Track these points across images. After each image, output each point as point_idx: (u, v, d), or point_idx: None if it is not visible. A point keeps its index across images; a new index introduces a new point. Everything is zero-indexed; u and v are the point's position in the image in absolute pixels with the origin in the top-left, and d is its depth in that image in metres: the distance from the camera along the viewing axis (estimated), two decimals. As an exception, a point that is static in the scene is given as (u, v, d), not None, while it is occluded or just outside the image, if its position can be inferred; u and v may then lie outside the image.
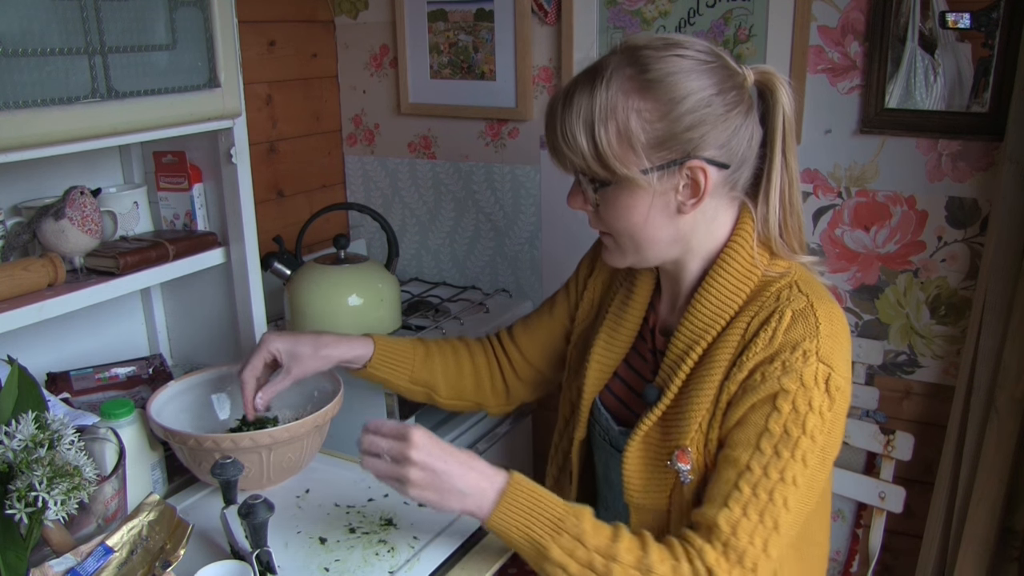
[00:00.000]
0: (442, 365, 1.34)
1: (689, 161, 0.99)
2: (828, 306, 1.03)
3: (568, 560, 0.97)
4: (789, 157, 1.06)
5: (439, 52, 2.07)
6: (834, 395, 0.99)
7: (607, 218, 1.05)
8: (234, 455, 1.14)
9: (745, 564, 0.97)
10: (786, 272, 1.07)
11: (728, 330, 1.05)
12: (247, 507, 1.01)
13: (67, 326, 1.47)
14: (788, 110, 1.04)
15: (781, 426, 0.99)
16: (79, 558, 0.94)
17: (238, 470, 1.09)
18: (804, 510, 1.00)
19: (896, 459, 1.70)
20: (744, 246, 1.06)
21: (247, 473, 1.16)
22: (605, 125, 0.98)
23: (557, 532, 0.98)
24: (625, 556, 0.97)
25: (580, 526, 0.99)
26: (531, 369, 1.36)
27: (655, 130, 0.98)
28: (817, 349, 0.99)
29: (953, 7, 1.56)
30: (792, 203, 1.08)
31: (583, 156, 1.00)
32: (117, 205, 1.43)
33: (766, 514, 0.98)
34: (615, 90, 0.98)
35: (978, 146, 1.60)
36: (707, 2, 1.76)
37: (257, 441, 1.17)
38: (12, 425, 0.96)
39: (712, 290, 1.06)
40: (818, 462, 1.00)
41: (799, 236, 1.09)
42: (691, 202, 1.02)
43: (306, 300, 1.67)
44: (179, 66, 1.26)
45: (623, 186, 1.01)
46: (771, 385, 0.99)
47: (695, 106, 0.97)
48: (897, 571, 1.85)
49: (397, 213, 2.25)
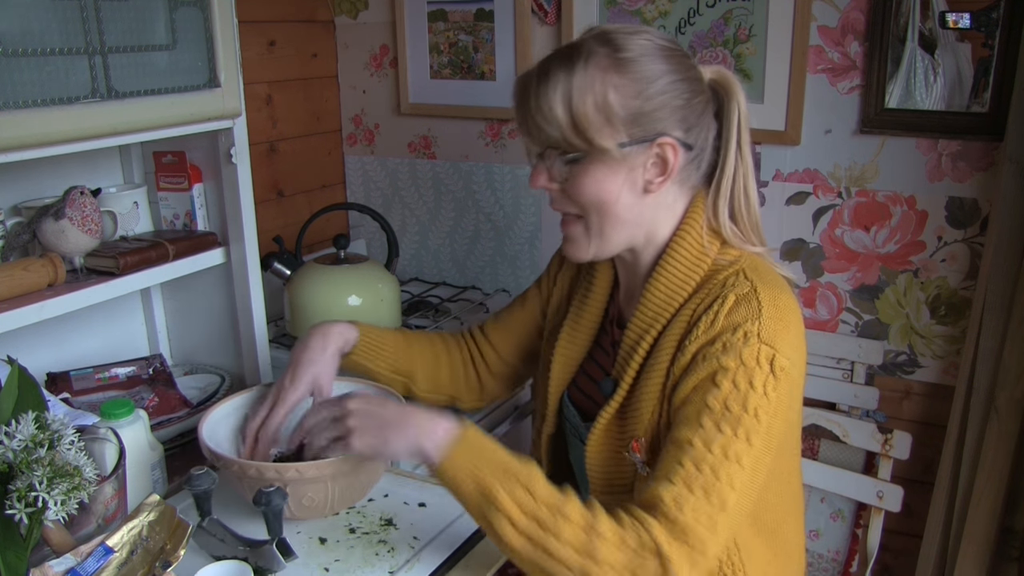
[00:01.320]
0: (420, 356, 1.34)
1: (659, 138, 1.02)
2: (774, 291, 1.03)
3: (515, 509, 0.95)
4: (744, 149, 1.09)
5: (439, 52, 2.07)
6: (779, 376, 0.98)
7: (575, 193, 1.06)
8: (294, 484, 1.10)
9: (691, 542, 0.94)
10: (736, 260, 1.08)
11: (676, 318, 1.06)
12: (264, 496, 1.02)
13: (67, 326, 1.47)
14: (743, 107, 1.08)
15: (721, 403, 0.98)
16: (79, 558, 0.94)
17: (212, 481, 1.08)
18: (751, 491, 0.98)
19: (894, 458, 1.71)
20: (693, 231, 1.08)
21: (312, 503, 1.13)
22: (583, 97, 1.00)
23: (507, 478, 0.97)
24: (574, 515, 0.95)
25: (531, 477, 0.97)
26: (503, 365, 1.37)
27: (631, 106, 1.00)
28: (759, 331, 0.99)
29: (953, 7, 1.56)
30: (747, 193, 1.09)
31: (559, 127, 1.01)
32: (117, 205, 1.43)
33: (711, 492, 0.95)
34: (593, 67, 1.00)
35: (978, 146, 1.60)
36: (707, 2, 1.76)
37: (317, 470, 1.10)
38: (12, 425, 0.95)
39: (662, 278, 1.08)
40: (763, 443, 0.98)
41: (756, 227, 1.11)
42: (658, 180, 1.04)
43: (306, 300, 1.67)
44: (179, 66, 1.26)
45: (596, 159, 1.03)
46: (711, 364, 0.99)
47: (666, 87, 1.01)
48: (896, 571, 1.85)
49: (397, 213, 2.25)
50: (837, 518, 1.81)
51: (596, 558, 0.92)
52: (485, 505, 0.97)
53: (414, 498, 1.24)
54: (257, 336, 1.50)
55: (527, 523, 0.95)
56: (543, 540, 0.94)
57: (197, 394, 1.50)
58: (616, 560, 0.92)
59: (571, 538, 0.93)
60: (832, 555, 1.82)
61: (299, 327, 1.69)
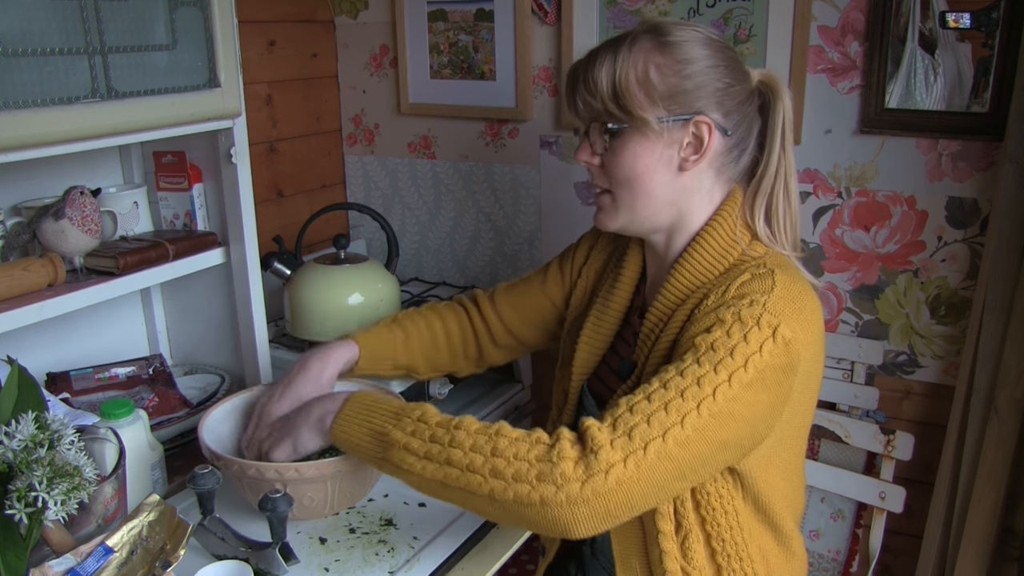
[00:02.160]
0: (419, 345, 1.36)
1: (696, 117, 1.05)
2: (791, 279, 1.03)
3: (410, 439, 0.95)
4: (788, 151, 1.10)
5: (439, 52, 2.07)
6: (779, 343, 0.96)
7: (612, 167, 1.09)
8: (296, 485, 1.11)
9: (633, 438, 0.89)
10: (763, 255, 1.08)
11: (696, 303, 1.07)
12: (269, 501, 1.03)
13: (67, 326, 1.47)
14: (789, 108, 1.10)
15: (708, 344, 0.96)
16: (79, 558, 0.94)
17: (216, 480, 1.09)
18: (719, 426, 0.93)
19: (896, 459, 1.71)
20: (727, 220, 1.09)
21: (311, 503, 1.14)
22: (626, 72, 1.04)
23: (398, 419, 0.99)
24: (471, 425, 0.95)
25: (423, 410, 0.99)
26: (510, 336, 1.38)
27: (669, 83, 1.04)
28: (766, 302, 0.99)
29: (953, 7, 1.56)
30: (788, 193, 1.11)
31: (602, 98, 1.06)
32: (117, 205, 1.43)
33: (672, 405, 0.91)
34: (638, 48, 1.05)
35: (978, 146, 1.60)
36: (707, 2, 1.76)
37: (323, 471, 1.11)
38: (12, 425, 0.95)
39: (689, 263, 1.09)
40: (743, 388, 0.93)
41: (794, 228, 1.12)
42: (693, 158, 1.06)
43: (306, 300, 1.67)
44: (179, 66, 1.26)
45: (636, 130, 1.06)
46: (710, 318, 0.99)
47: (704, 69, 1.05)
48: (897, 571, 1.85)
49: (397, 213, 2.25)
50: (838, 518, 1.81)
51: (503, 454, 0.91)
52: (381, 447, 0.98)
53: (414, 498, 1.24)
54: (257, 336, 1.50)
55: (424, 445, 0.95)
56: (444, 454, 0.93)
57: (197, 394, 1.50)
58: (524, 452, 0.90)
59: (471, 442, 0.93)
60: (832, 555, 1.82)
61: (299, 327, 1.69)
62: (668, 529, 1.06)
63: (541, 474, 0.89)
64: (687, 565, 1.06)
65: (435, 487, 0.96)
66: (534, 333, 1.38)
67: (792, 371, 0.99)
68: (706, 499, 1.05)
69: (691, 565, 1.06)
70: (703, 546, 1.07)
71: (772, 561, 1.11)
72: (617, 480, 0.88)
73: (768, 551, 1.11)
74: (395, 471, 0.99)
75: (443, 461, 0.93)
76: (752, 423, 0.97)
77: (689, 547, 1.06)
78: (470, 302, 1.41)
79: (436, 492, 0.97)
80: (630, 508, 0.91)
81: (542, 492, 0.88)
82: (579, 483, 0.88)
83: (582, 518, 0.89)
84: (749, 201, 1.11)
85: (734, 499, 1.06)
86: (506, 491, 0.90)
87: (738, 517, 1.06)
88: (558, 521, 0.89)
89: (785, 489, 1.10)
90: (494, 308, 1.38)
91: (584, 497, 0.88)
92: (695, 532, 1.06)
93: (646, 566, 1.09)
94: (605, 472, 0.88)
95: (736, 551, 1.07)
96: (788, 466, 1.10)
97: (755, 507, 1.08)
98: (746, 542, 1.07)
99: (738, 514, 1.06)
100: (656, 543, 1.06)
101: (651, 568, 1.08)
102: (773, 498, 1.08)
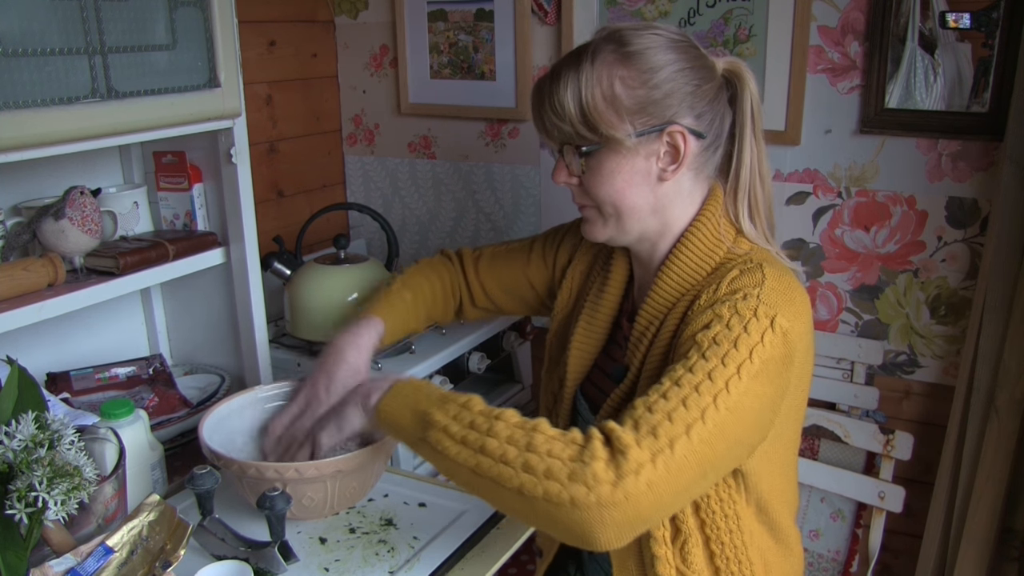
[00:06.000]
0: (424, 307, 1.38)
1: (669, 127, 1.03)
2: (780, 271, 1.04)
3: (452, 422, 0.95)
4: (758, 135, 1.11)
5: (439, 52, 2.07)
6: (778, 333, 0.96)
7: (592, 186, 1.08)
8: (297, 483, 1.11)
9: (659, 436, 0.88)
10: (748, 251, 1.09)
11: (683, 302, 1.07)
12: (267, 499, 1.03)
13: (67, 326, 1.47)
14: (755, 94, 1.10)
15: (710, 339, 0.96)
16: (79, 558, 0.94)
17: (215, 480, 1.08)
18: (735, 421, 0.93)
19: (896, 459, 1.71)
20: (710, 220, 1.09)
21: (311, 503, 1.13)
22: (591, 91, 1.03)
23: (443, 403, 0.98)
24: (511, 417, 0.94)
25: (469, 399, 0.98)
26: (488, 300, 1.42)
27: (637, 96, 1.02)
28: (759, 294, 0.99)
29: (953, 7, 1.56)
30: (764, 182, 1.11)
31: (571, 121, 1.04)
32: (117, 205, 1.43)
33: (690, 401, 0.91)
34: (600, 62, 1.03)
35: (978, 146, 1.60)
36: (707, 2, 1.76)
37: (323, 470, 1.11)
38: (12, 425, 0.95)
39: (676, 264, 1.09)
40: (751, 380, 0.93)
41: (769, 219, 1.13)
42: (671, 168, 1.06)
43: (306, 300, 1.67)
44: (179, 66, 1.26)
45: (609, 148, 1.04)
46: (706, 316, 1.00)
47: (671, 76, 1.03)
48: (897, 571, 1.85)
49: (397, 213, 2.25)
50: (837, 518, 1.81)
51: (537, 450, 0.89)
52: (421, 427, 0.98)
53: (414, 498, 1.24)
54: (257, 336, 1.50)
55: (463, 431, 0.94)
56: (480, 441, 0.92)
57: (197, 394, 1.50)
58: (558, 450, 0.89)
59: (508, 434, 0.91)
60: (832, 555, 1.82)
61: (299, 327, 1.69)
62: (665, 534, 1.06)
63: (573, 473, 0.87)
64: (686, 569, 1.06)
65: (466, 475, 0.94)
66: (511, 303, 1.42)
67: (790, 362, 0.99)
68: (706, 502, 1.05)
69: (689, 569, 1.06)
70: (702, 549, 1.07)
71: (770, 559, 1.11)
72: (648, 482, 0.86)
73: (766, 550, 1.11)
74: (430, 453, 0.97)
75: (478, 448, 0.92)
76: (759, 417, 0.97)
77: (688, 551, 1.06)
78: (456, 259, 1.43)
79: (466, 480, 0.94)
80: (659, 511, 0.89)
81: (572, 492, 0.86)
82: (610, 485, 0.86)
83: (610, 522, 0.86)
84: (731, 198, 1.11)
85: (735, 501, 1.06)
86: (536, 487, 0.88)
87: (738, 519, 1.06)
88: (584, 524, 0.86)
89: (783, 485, 1.11)
90: (477, 274, 1.41)
91: (615, 500, 0.85)
92: (694, 536, 1.06)
93: (641, 569, 1.09)
94: (636, 473, 0.86)
95: (735, 553, 1.07)
96: (784, 462, 1.10)
97: (756, 507, 1.08)
98: (745, 543, 1.07)
99: (738, 516, 1.06)
100: (649, 547, 1.07)
101: (646, 571, 1.08)
102: (772, 496, 1.08)
